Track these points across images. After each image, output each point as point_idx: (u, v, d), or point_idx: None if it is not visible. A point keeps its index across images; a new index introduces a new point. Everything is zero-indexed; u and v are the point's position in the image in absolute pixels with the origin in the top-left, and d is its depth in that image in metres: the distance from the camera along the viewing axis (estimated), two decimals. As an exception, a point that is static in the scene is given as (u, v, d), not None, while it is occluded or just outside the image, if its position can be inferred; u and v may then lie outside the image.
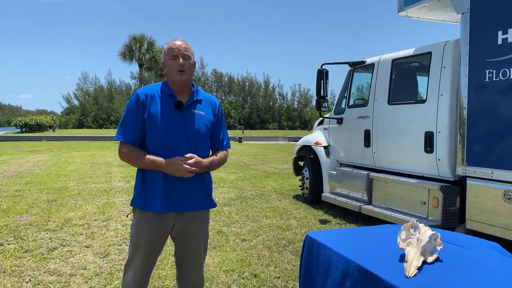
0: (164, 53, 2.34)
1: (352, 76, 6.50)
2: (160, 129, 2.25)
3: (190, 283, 2.45)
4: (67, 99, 59.86)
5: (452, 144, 4.55)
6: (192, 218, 2.37)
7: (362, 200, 5.89)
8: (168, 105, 2.29)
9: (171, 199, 2.27)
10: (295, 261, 4.21)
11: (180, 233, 2.36)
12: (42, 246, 4.56)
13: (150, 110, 2.26)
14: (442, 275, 1.73)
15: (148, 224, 2.29)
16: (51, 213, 6.13)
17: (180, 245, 2.41)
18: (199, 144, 2.34)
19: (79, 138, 31.67)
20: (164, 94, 2.32)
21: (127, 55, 34.64)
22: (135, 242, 2.32)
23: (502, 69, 3.75)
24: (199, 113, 2.35)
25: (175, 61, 2.27)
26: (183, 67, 2.26)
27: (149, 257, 2.34)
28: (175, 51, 2.27)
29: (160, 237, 2.34)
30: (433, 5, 4.87)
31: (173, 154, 2.24)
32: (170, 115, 2.28)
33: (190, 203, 2.33)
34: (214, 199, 2.50)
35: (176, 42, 2.31)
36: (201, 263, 2.47)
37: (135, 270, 2.32)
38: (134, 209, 2.37)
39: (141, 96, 2.29)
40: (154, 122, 2.26)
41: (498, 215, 3.79)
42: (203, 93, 2.46)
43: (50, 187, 8.64)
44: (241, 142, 30.45)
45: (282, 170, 12.31)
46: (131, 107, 2.30)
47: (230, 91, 63.80)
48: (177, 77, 2.27)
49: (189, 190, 2.31)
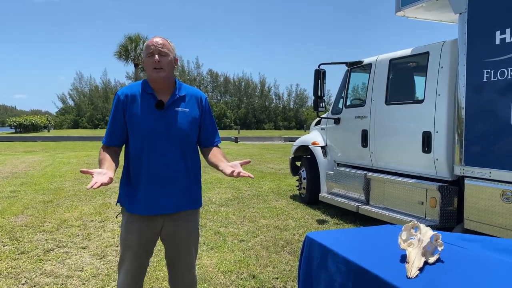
0: (143, 51, 2.28)
1: (350, 76, 6.49)
2: (142, 130, 2.20)
3: (182, 284, 2.42)
4: (62, 99, 59.54)
5: (449, 144, 4.55)
6: (181, 219, 2.33)
7: (360, 200, 5.89)
8: (149, 105, 2.23)
9: (157, 201, 2.23)
10: (293, 261, 4.20)
11: (170, 234, 2.33)
12: (38, 248, 4.52)
13: (131, 111, 2.21)
14: (443, 276, 1.72)
15: (137, 225, 2.25)
16: (47, 214, 6.09)
17: (170, 246, 2.37)
18: (185, 143, 2.29)
19: (74, 138, 31.50)
20: (145, 93, 2.26)
21: (123, 55, 34.61)
22: (125, 243, 2.29)
23: (500, 69, 3.76)
24: (183, 110, 2.28)
25: (151, 58, 2.20)
26: (159, 64, 2.19)
27: (139, 258, 2.30)
28: (151, 48, 2.20)
29: (149, 238, 2.30)
30: (431, 5, 4.87)
31: (157, 156, 2.20)
32: (152, 115, 2.22)
33: (177, 204, 2.28)
34: (211, 199, 2.48)
35: (154, 39, 2.24)
36: (193, 264, 2.43)
37: (126, 271, 2.30)
38: (122, 209, 2.34)
39: (121, 97, 2.24)
40: (135, 123, 2.21)
41: (496, 215, 3.80)
42: (188, 88, 2.38)
43: (45, 187, 8.58)
44: (237, 142, 30.41)
45: (279, 170, 12.30)
46: (112, 108, 2.27)
47: (226, 91, 63.72)
48: (153, 74, 2.20)
49: (176, 192, 2.27)
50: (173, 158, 2.24)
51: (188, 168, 2.31)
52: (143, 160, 2.22)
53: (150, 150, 2.21)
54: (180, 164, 2.26)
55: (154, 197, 2.23)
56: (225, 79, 63.63)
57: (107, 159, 2.19)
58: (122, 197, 2.32)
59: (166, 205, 2.26)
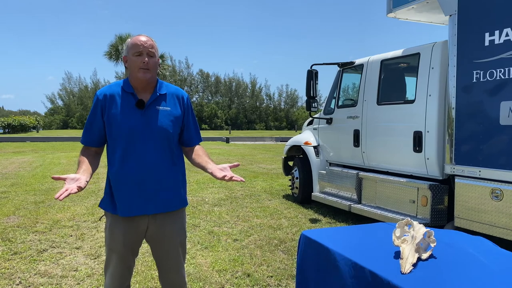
0: (127, 48, 2.20)
1: (342, 76, 6.56)
2: (122, 131, 2.15)
3: (170, 283, 2.38)
4: (51, 99, 58.99)
5: (440, 144, 4.63)
6: (166, 219, 2.28)
7: (352, 199, 5.95)
8: (129, 104, 2.18)
9: (141, 201, 2.19)
10: (287, 260, 4.24)
11: (155, 236, 2.28)
12: (31, 248, 4.51)
13: (110, 111, 2.16)
14: (436, 271, 1.77)
15: (121, 227, 2.21)
16: (39, 215, 6.06)
17: (156, 248, 2.33)
18: (167, 142, 2.24)
19: (64, 139, 31.22)
20: (125, 92, 2.20)
21: (113, 55, 34.39)
22: (110, 245, 2.26)
23: (489, 70, 3.84)
24: (164, 109, 2.23)
25: (139, 58, 2.14)
26: (147, 65, 2.15)
27: (125, 260, 2.27)
28: (140, 48, 2.14)
29: (134, 240, 2.26)
30: (421, 7, 4.95)
31: (139, 155, 2.16)
32: (132, 115, 2.17)
33: (161, 204, 2.24)
34: (204, 199, 2.47)
35: (141, 37, 2.18)
36: (181, 264, 2.38)
37: (112, 273, 2.27)
38: (106, 212, 2.30)
39: (99, 97, 2.19)
40: (115, 123, 2.16)
41: (485, 213, 3.88)
42: (169, 87, 2.33)
43: (36, 188, 8.52)
44: (228, 143, 30.41)
45: (271, 170, 12.34)
46: (91, 109, 2.22)
47: (216, 91, 63.62)
48: (139, 74, 2.15)
49: (160, 192, 2.22)
50: (156, 157, 2.19)
51: (171, 167, 2.26)
52: (124, 161, 2.17)
53: (131, 150, 2.16)
54: (163, 163, 2.22)
55: (138, 198, 2.18)
56: (216, 79, 63.56)
57: (84, 161, 2.14)
58: (106, 199, 2.26)
59: (150, 205, 2.21)
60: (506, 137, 3.75)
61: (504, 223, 3.71)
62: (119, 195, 2.19)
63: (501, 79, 3.74)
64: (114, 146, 2.19)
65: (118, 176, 2.18)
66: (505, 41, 3.70)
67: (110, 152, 2.22)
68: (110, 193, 2.23)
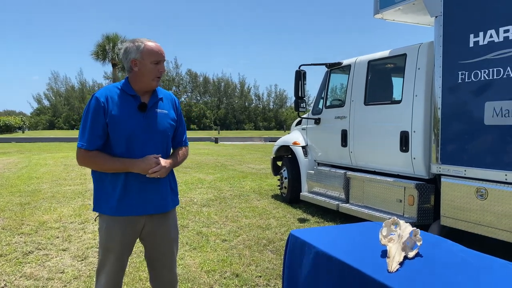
0: (142, 52, 2.19)
1: (329, 77, 6.59)
2: (125, 132, 2.19)
3: (164, 282, 2.43)
4: (38, 99, 58.17)
5: (426, 144, 4.68)
6: (161, 219, 2.36)
7: (340, 199, 5.99)
8: (132, 107, 2.23)
9: (141, 201, 2.24)
10: (275, 260, 4.25)
11: (150, 234, 2.35)
12: (16, 250, 4.45)
13: (112, 113, 2.18)
14: (422, 269, 1.80)
15: (119, 228, 2.25)
16: (25, 217, 5.97)
17: (150, 246, 2.39)
18: (166, 144, 2.34)
19: (51, 139, 30.84)
20: (126, 94, 2.24)
21: (100, 55, 34.08)
22: (106, 246, 2.28)
23: (474, 71, 3.90)
24: (163, 112, 2.31)
25: (157, 66, 2.22)
26: (162, 74, 2.25)
27: (121, 259, 2.32)
28: (159, 56, 2.22)
29: (131, 239, 2.32)
30: (408, 8, 5.00)
31: (139, 157, 2.20)
32: (134, 117, 2.22)
33: (160, 204, 2.31)
34: (193, 200, 2.51)
35: (158, 46, 2.25)
36: (174, 261, 2.46)
37: (108, 273, 2.29)
38: (100, 214, 2.32)
39: (101, 99, 2.19)
40: (118, 125, 2.19)
41: (471, 212, 3.94)
42: (163, 91, 2.41)
43: (22, 189, 8.40)
44: (217, 143, 30.36)
45: (260, 170, 12.35)
46: (91, 112, 2.18)
47: (205, 92, 63.35)
48: (154, 82, 2.24)
49: (159, 192, 2.30)
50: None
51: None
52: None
53: (133, 151, 2.21)
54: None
55: (139, 198, 2.24)
56: (204, 79, 63.30)
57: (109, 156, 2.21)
58: (101, 200, 2.27)
59: (150, 205, 2.28)
60: (490, 137, 3.81)
61: (488, 222, 3.77)
62: (120, 195, 2.22)
63: (486, 79, 3.80)
64: (114, 147, 2.23)
65: (120, 177, 2.21)
66: (489, 42, 3.77)
67: (110, 153, 2.24)
68: (108, 193, 2.24)
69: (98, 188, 2.29)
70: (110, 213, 2.25)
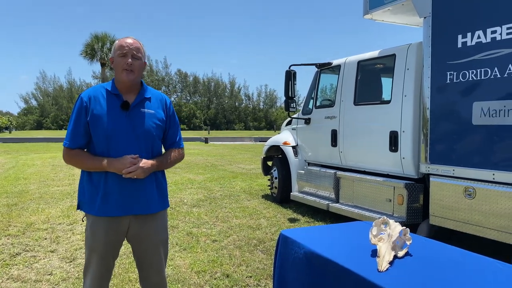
0: (113, 49, 2.26)
1: (319, 77, 6.61)
2: (106, 131, 2.18)
3: (152, 284, 2.40)
4: (25, 99, 57.55)
5: (415, 143, 4.72)
6: (148, 220, 2.32)
7: (330, 199, 6.01)
8: (114, 106, 2.22)
9: (124, 202, 2.21)
10: (266, 260, 4.24)
11: (136, 236, 2.31)
12: (3, 252, 4.38)
13: (94, 113, 2.19)
14: (412, 269, 1.81)
15: (103, 228, 2.22)
16: (12, 218, 5.89)
17: (137, 248, 2.36)
18: (150, 144, 2.29)
19: (38, 140, 30.49)
20: (110, 94, 2.24)
21: (89, 54, 33.79)
22: (91, 246, 2.26)
23: (462, 71, 3.94)
24: (149, 112, 2.28)
25: (123, 59, 2.20)
26: (131, 66, 2.20)
27: (105, 260, 2.28)
28: (125, 49, 2.20)
29: (115, 239, 2.28)
30: (397, 9, 5.03)
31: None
32: (116, 116, 2.20)
33: (144, 205, 2.27)
34: (183, 200, 2.48)
35: (127, 40, 2.25)
36: (162, 264, 2.42)
37: (92, 275, 2.27)
38: (86, 213, 2.30)
39: (84, 98, 2.21)
40: (99, 124, 2.18)
41: (459, 211, 3.97)
42: (153, 91, 2.39)
43: (9, 190, 8.28)
44: (207, 143, 30.28)
45: (250, 170, 12.35)
46: (75, 111, 2.23)
47: (195, 92, 63.22)
48: (123, 75, 2.20)
49: (143, 192, 2.26)
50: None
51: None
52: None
53: (116, 151, 2.18)
54: None
55: (121, 198, 2.21)
56: (194, 79, 63.16)
57: (89, 155, 2.22)
58: (86, 200, 2.26)
59: (133, 206, 2.24)
60: (478, 137, 3.85)
61: (476, 221, 3.81)
62: (103, 195, 2.20)
63: (473, 80, 3.84)
64: (98, 147, 2.22)
65: (102, 176, 2.20)
66: (477, 43, 3.81)
67: (93, 152, 2.23)
68: (91, 193, 2.22)
69: (82, 187, 2.29)
70: (94, 213, 2.23)
